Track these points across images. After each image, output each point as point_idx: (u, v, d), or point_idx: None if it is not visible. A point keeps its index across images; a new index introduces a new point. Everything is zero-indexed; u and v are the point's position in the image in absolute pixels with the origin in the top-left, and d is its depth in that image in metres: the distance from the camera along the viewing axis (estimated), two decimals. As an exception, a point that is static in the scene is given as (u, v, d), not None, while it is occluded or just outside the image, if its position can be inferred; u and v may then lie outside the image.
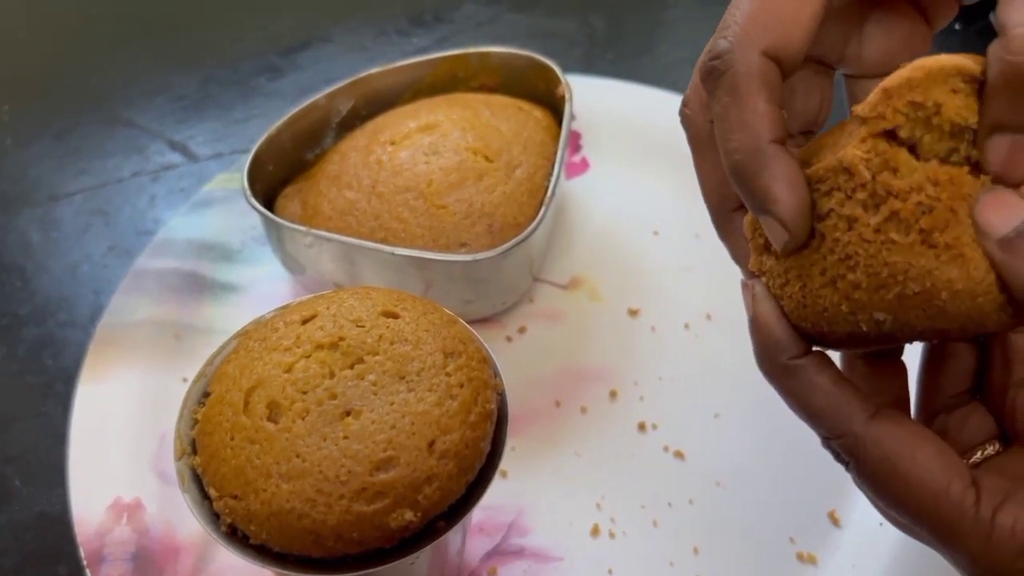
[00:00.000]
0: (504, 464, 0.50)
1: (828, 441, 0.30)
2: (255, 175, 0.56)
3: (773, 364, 0.30)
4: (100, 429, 0.52)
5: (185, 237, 0.61)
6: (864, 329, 0.27)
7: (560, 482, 0.50)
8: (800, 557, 0.47)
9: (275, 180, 0.58)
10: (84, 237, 0.65)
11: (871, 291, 0.26)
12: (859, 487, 0.30)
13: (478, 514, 0.48)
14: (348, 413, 0.35)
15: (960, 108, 0.25)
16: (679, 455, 0.51)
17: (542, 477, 0.50)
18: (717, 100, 0.28)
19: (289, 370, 0.36)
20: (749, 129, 0.27)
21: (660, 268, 0.60)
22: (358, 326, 0.37)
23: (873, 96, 0.26)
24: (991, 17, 0.25)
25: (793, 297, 0.29)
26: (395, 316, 0.38)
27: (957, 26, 0.75)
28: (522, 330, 0.57)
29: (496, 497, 0.49)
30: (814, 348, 0.30)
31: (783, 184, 0.27)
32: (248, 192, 0.54)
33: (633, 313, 0.58)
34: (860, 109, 0.26)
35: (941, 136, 0.25)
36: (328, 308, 0.38)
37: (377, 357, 0.36)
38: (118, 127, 0.73)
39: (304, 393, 0.35)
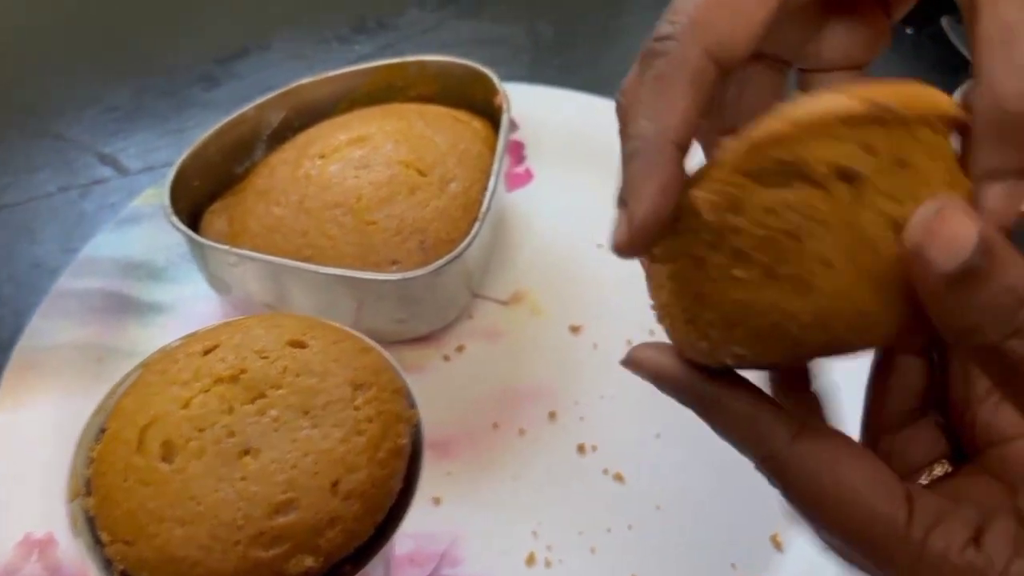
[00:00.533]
0: (438, 490, 0.49)
1: (757, 465, 0.28)
2: (179, 191, 0.54)
3: (684, 399, 0.28)
4: (12, 459, 0.49)
5: (110, 255, 0.59)
6: (731, 363, 0.26)
7: (496, 508, 0.48)
8: (741, 584, 0.45)
9: (202, 195, 0.56)
10: (8, 255, 0.62)
11: (723, 328, 0.25)
12: (793, 511, 0.28)
13: (408, 544, 0.46)
14: (247, 452, 0.33)
15: (844, 157, 0.23)
16: (619, 478, 0.49)
17: (477, 503, 0.48)
18: (643, 82, 0.27)
19: (186, 405, 0.34)
20: (659, 121, 0.26)
21: (604, 282, 0.58)
22: (262, 357, 0.35)
23: (739, 145, 0.24)
24: (943, 22, 0.24)
25: (676, 331, 0.27)
26: (302, 346, 0.36)
27: (909, 30, 0.74)
28: (460, 349, 0.55)
29: (428, 525, 0.47)
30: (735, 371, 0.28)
31: (657, 188, 0.25)
32: (169, 209, 0.51)
33: (575, 329, 0.56)
34: (721, 156, 0.24)
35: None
36: (232, 338, 0.36)
37: (280, 391, 0.34)
38: (46, 140, 0.70)
39: (201, 431, 0.33)
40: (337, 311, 0.51)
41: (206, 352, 0.36)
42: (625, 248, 0.26)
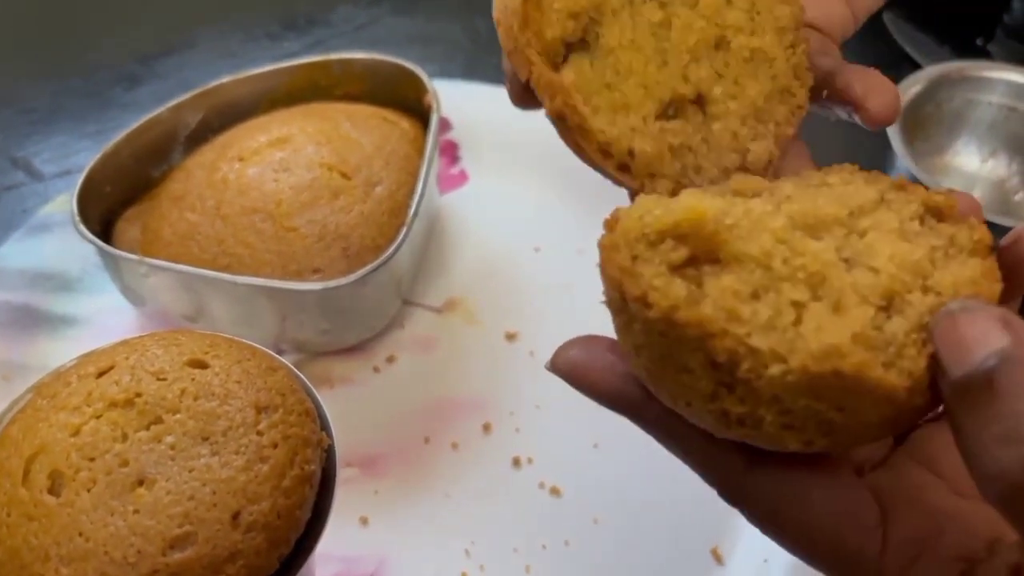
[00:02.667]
0: (365, 510, 0.46)
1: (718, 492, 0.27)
2: (90, 197, 0.51)
3: (630, 417, 0.27)
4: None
5: (18, 266, 0.55)
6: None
7: (427, 527, 0.46)
8: (681, 599, 0.44)
9: (115, 202, 0.53)
10: (-90, 267, 0.58)
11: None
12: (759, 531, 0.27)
13: (333, 567, 0.44)
14: (141, 483, 0.30)
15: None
16: (555, 491, 0.48)
17: (407, 523, 0.46)
18: None
19: (76, 433, 0.31)
20: None
21: (541, 287, 0.56)
22: (159, 379, 0.32)
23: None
24: (884, 18, 0.23)
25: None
26: (203, 366, 0.33)
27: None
28: (391, 359, 0.53)
29: (355, 547, 0.45)
30: None
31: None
32: (77, 217, 0.49)
33: (511, 337, 0.54)
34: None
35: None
36: (128, 358, 0.33)
37: (177, 416, 0.31)
38: (-45, 144, 0.66)
39: (91, 460, 0.31)
40: (259, 323, 0.49)
41: (100, 374, 0.33)
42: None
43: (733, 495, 0.26)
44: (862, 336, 0.21)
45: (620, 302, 0.23)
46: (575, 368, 0.27)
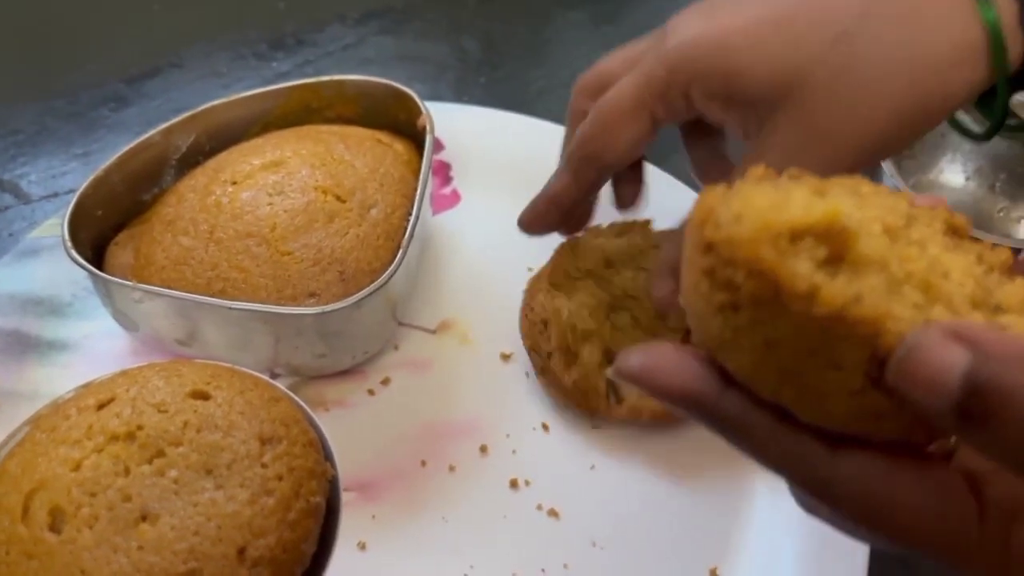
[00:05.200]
0: (363, 535, 0.46)
1: (791, 487, 0.26)
2: (81, 221, 0.50)
3: (699, 417, 0.25)
4: None
5: (7, 291, 0.55)
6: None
7: (425, 552, 0.46)
8: (681, 622, 0.44)
9: (106, 225, 0.53)
10: None
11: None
12: (844, 528, 0.26)
13: (332, 595, 0.44)
14: (144, 518, 0.30)
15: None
16: (553, 514, 0.47)
17: (405, 547, 0.46)
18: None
19: (77, 468, 0.31)
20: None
21: (535, 307, 0.56)
22: (160, 411, 0.32)
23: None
24: None
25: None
26: (205, 397, 0.33)
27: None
28: (386, 382, 0.53)
29: (354, 573, 0.45)
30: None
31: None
32: (68, 242, 0.48)
33: (506, 357, 0.54)
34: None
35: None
36: (128, 390, 0.33)
37: (180, 448, 0.31)
38: (-61, 166, 0.65)
39: (93, 496, 0.30)
40: (253, 347, 0.49)
41: (100, 406, 0.33)
42: None
43: (817, 489, 0.24)
44: None
45: (756, 297, 0.23)
46: (644, 370, 0.25)
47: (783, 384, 0.24)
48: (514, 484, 0.49)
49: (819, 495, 0.24)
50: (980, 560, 0.23)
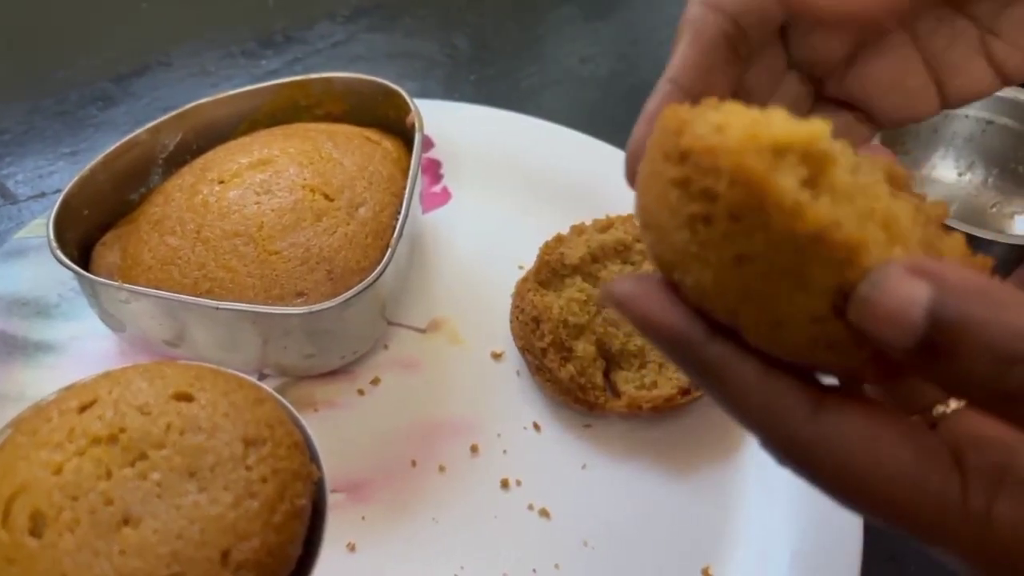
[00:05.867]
0: (353, 536, 0.46)
1: (767, 447, 0.24)
2: (67, 221, 0.50)
3: (680, 358, 0.24)
4: None
5: (-7, 292, 0.54)
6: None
7: (415, 553, 0.46)
8: (673, 622, 0.43)
9: (93, 225, 0.52)
10: None
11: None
12: (820, 490, 0.24)
13: (322, 597, 0.43)
14: (127, 522, 0.30)
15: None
16: (544, 513, 0.47)
17: (395, 548, 0.46)
18: None
19: (59, 471, 0.31)
20: (668, 70, 0.29)
21: (525, 306, 0.56)
22: (143, 413, 0.32)
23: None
24: None
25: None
26: (189, 399, 0.33)
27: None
28: (375, 381, 0.52)
29: (343, 574, 0.44)
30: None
31: (644, 118, 0.28)
32: (54, 242, 0.48)
33: (497, 356, 0.54)
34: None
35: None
36: (111, 392, 0.33)
37: (163, 451, 0.31)
38: (-75, 166, 0.65)
39: (75, 499, 0.30)
40: (241, 348, 0.48)
41: (83, 408, 0.33)
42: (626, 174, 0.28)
43: (797, 451, 0.23)
44: None
45: (734, 208, 0.22)
46: (635, 299, 0.24)
47: (742, 303, 0.23)
48: (505, 484, 0.48)
49: (798, 459, 0.23)
50: (961, 534, 0.22)
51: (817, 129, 0.23)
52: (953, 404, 0.27)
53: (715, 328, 0.24)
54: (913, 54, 0.32)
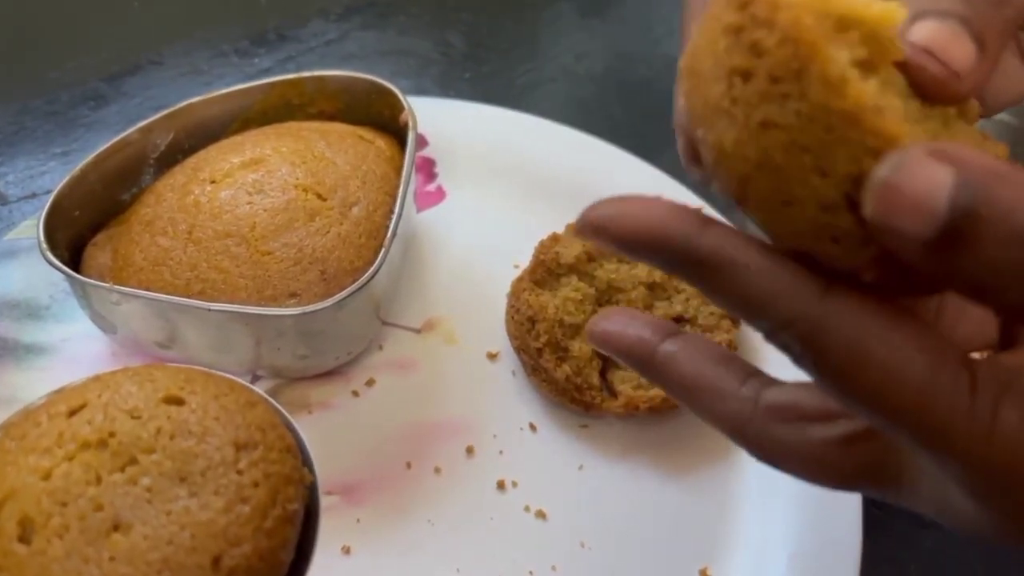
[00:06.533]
0: (348, 539, 0.45)
1: (774, 334, 0.23)
2: (58, 222, 0.49)
3: (674, 253, 0.23)
4: None
5: (-17, 294, 0.54)
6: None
7: (410, 556, 0.45)
8: (671, 624, 0.43)
9: (84, 226, 0.52)
10: None
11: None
12: (818, 384, 0.23)
13: (317, 601, 0.43)
14: (116, 528, 0.29)
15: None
16: (541, 515, 0.47)
17: (390, 551, 0.45)
18: None
19: (47, 477, 0.30)
20: None
21: (521, 305, 0.56)
22: (133, 417, 0.31)
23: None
24: None
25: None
26: (179, 402, 0.32)
27: None
28: (370, 383, 0.52)
29: (338, 578, 0.44)
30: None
31: None
32: (44, 243, 0.47)
33: (493, 357, 0.53)
34: None
35: None
36: (100, 396, 0.32)
37: (154, 456, 0.30)
38: (-85, 167, 0.64)
39: (64, 505, 0.29)
40: (234, 349, 0.48)
41: (71, 413, 0.32)
42: None
43: (806, 331, 0.22)
44: None
45: (778, 68, 0.21)
46: (610, 217, 0.23)
47: (757, 172, 0.22)
48: (501, 485, 0.48)
49: (803, 339, 0.22)
50: (964, 434, 0.21)
51: (891, 12, 0.22)
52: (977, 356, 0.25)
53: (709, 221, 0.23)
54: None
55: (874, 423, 0.23)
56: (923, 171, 0.19)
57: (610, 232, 0.23)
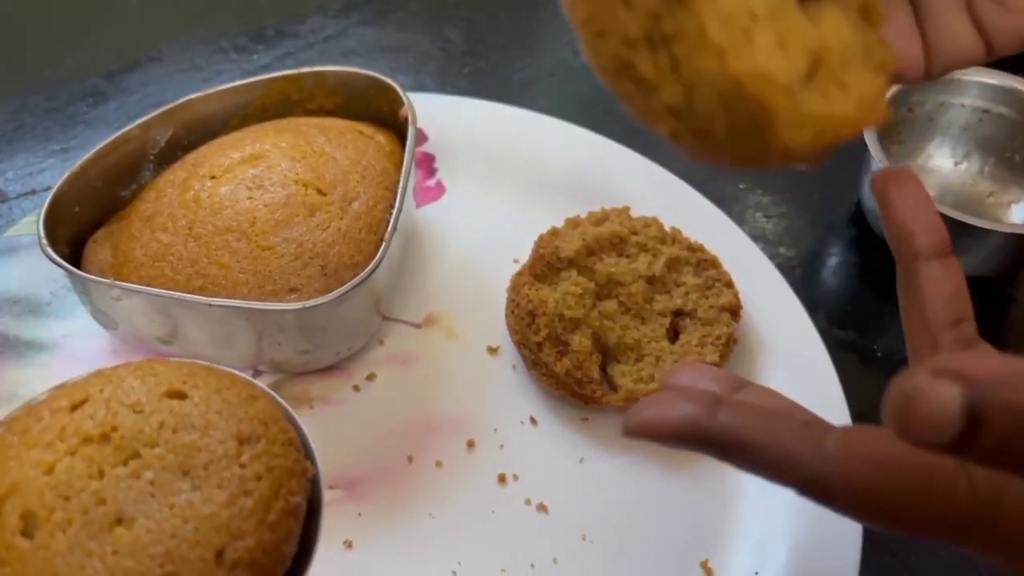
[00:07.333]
0: (349, 533, 0.46)
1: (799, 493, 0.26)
2: (58, 218, 0.49)
3: (704, 448, 0.26)
4: None
5: (-17, 291, 0.54)
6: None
7: (412, 549, 0.45)
8: (672, 616, 0.43)
9: (84, 222, 0.52)
10: None
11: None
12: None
13: (319, 595, 0.43)
14: (119, 521, 0.29)
15: None
16: (542, 508, 0.47)
17: (392, 545, 0.45)
18: None
19: (50, 471, 0.30)
20: None
21: (521, 299, 0.56)
22: (135, 411, 0.31)
23: None
24: None
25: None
26: (181, 396, 0.32)
27: None
28: (371, 377, 0.52)
29: (339, 571, 0.44)
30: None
31: None
32: (44, 240, 0.47)
33: (493, 351, 0.53)
34: None
35: None
36: (102, 390, 0.32)
37: (156, 449, 0.30)
38: (-86, 165, 0.64)
39: (67, 499, 0.29)
40: (235, 344, 0.48)
41: (74, 407, 0.32)
42: None
43: (819, 488, 0.26)
44: (782, 72, 0.22)
45: None
46: (647, 421, 0.26)
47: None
48: (502, 479, 0.48)
49: (821, 495, 0.25)
50: (975, 522, 0.23)
51: None
52: None
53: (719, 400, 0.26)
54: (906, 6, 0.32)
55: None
56: (934, 392, 0.20)
57: (650, 435, 0.26)
